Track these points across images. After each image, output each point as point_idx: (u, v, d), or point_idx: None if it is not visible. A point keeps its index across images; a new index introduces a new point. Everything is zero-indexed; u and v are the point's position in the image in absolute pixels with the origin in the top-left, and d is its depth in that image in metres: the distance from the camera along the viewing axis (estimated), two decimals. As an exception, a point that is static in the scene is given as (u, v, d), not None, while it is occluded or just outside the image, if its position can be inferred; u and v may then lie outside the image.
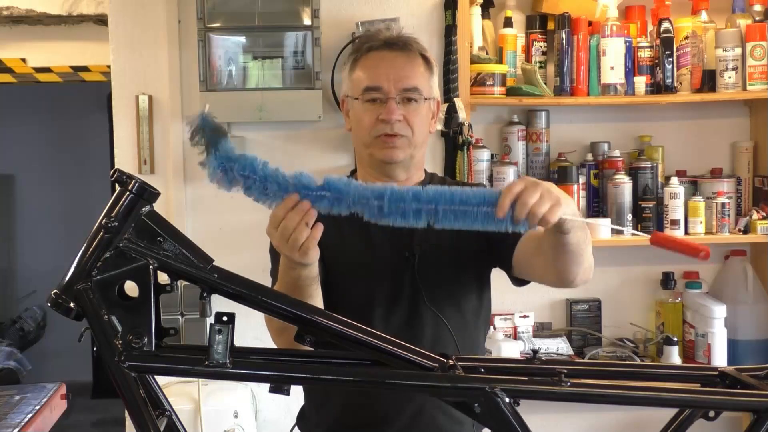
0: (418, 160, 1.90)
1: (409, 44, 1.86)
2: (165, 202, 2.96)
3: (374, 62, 1.84)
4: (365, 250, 1.85)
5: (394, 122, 1.80)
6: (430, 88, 1.87)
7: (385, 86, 1.81)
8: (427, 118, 1.87)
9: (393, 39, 1.87)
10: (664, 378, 1.39)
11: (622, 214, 3.10)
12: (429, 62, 1.88)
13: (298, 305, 1.33)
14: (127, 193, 1.25)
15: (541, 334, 3.19)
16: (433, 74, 1.89)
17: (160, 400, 1.28)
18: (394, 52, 1.84)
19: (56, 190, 6.58)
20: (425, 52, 1.89)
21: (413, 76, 1.83)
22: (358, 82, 1.85)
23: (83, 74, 4.15)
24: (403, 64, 1.84)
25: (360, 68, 1.86)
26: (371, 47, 1.86)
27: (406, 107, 1.82)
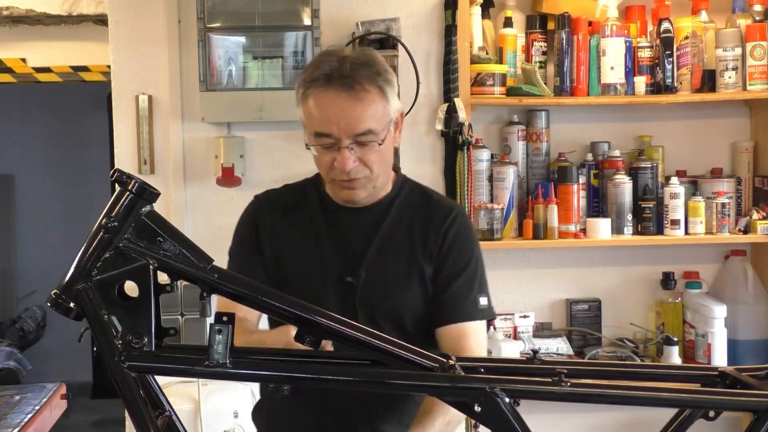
0: (382, 183, 1.85)
1: (356, 81, 1.71)
2: (165, 202, 2.96)
3: (322, 104, 1.72)
4: (315, 267, 1.84)
5: (350, 170, 1.74)
6: (387, 116, 1.76)
7: (335, 133, 1.72)
8: (389, 143, 1.79)
9: (337, 76, 1.71)
10: (664, 378, 1.39)
11: (622, 214, 3.10)
12: (383, 88, 1.74)
13: (298, 305, 1.33)
14: (127, 193, 1.25)
15: (541, 334, 3.19)
16: (390, 95, 1.76)
17: (160, 400, 1.28)
18: (340, 93, 1.71)
19: (56, 190, 6.58)
20: (377, 79, 1.74)
21: (363, 119, 1.72)
22: (310, 120, 1.75)
23: (83, 74, 4.15)
24: (352, 107, 1.71)
25: (310, 105, 1.74)
26: (318, 85, 1.72)
27: (361, 149, 1.74)
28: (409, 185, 1.95)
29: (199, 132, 3.10)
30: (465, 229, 1.91)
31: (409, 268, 1.85)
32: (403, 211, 1.88)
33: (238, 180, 3.03)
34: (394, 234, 1.86)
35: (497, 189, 3.09)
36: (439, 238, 1.86)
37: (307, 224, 1.88)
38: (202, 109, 2.97)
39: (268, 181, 3.11)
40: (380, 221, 1.86)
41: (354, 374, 1.31)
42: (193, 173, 3.11)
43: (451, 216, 1.88)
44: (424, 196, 1.93)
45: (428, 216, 1.88)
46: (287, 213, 1.91)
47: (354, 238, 1.85)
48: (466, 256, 1.88)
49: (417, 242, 1.86)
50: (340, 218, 1.87)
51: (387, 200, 1.89)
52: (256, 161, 3.12)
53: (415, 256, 1.85)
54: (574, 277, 3.28)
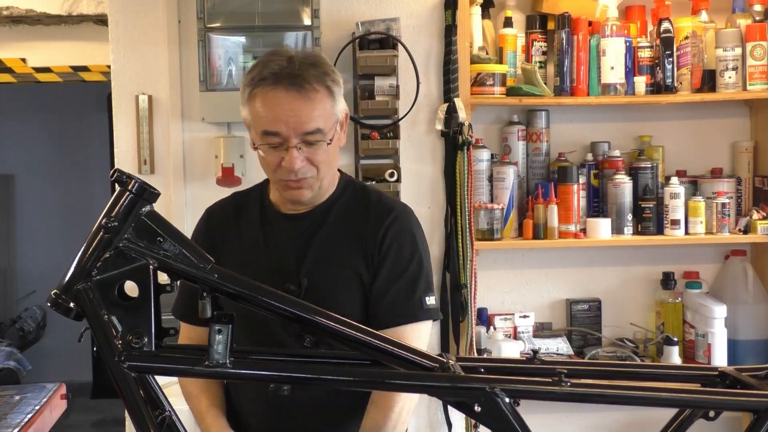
0: (327, 183, 1.83)
1: (304, 80, 1.70)
2: (165, 202, 2.96)
3: (270, 103, 1.71)
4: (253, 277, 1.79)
5: (297, 170, 1.73)
6: (334, 116, 1.76)
7: (283, 132, 1.71)
8: (334, 145, 1.78)
9: (286, 75, 1.70)
10: (664, 378, 1.39)
11: (623, 214, 3.10)
12: (330, 88, 1.74)
13: (298, 305, 1.33)
14: (127, 193, 1.25)
15: (541, 334, 3.19)
16: (337, 95, 1.76)
17: (159, 400, 1.28)
18: (289, 92, 1.70)
19: (56, 190, 6.58)
20: (325, 79, 1.73)
21: (312, 119, 1.71)
22: (257, 119, 1.74)
23: (83, 74, 4.15)
24: (300, 106, 1.70)
25: (258, 104, 1.73)
26: (267, 83, 1.71)
27: (309, 149, 1.72)
28: (352, 187, 1.91)
29: (199, 132, 3.10)
30: (405, 229, 1.85)
31: (348, 274, 1.81)
32: (342, 215, 1.85)
33: (238, 180, 3.03)
34: (331, 240, 1.82)
35: (497, 189, 3.09)
36: (377, 242, 1.81)
37: (246, 234, 1.86)
38: (202, 109, 2.97)
39: (268, 181, 3.11)
40: (317, 227, 1.83)
41: (354, 374, 1.31)
42: (193, 173, 3.11)
43: (389, 218, 1.83)
44: (365, 198, 1.88)
45: (366, 219, 1.84)
46: (229, 223, 1.89)
47: (289, 246, 1.82)
48: (405, 257, 1.83)
49: (355, 247, 1.82)
50: (277, 226, 1.85)
51: (326, 204, 1.85)
52: (256, 161, 3.06)
53: (354, 261, 1.81)
54: (574, 277, 3.28)
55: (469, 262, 2.99)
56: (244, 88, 1.77)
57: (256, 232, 1.86)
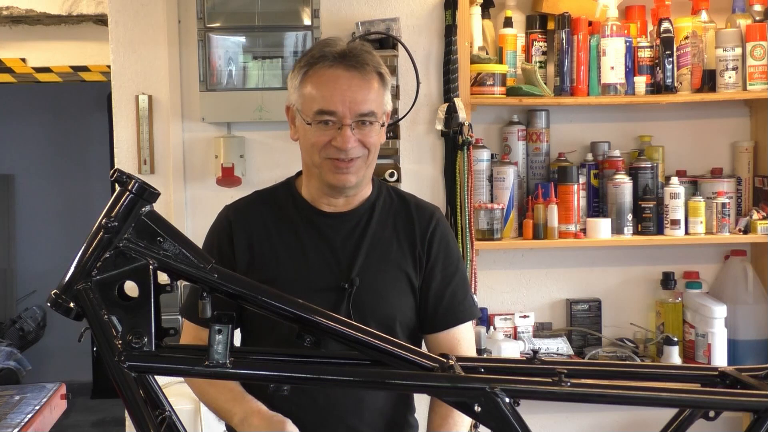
0: (368, 177, 1.84)
1: (365, 62, 1.73)
2: (165, 202, 2.96)
3: (328, 82, 1.72)
4: (302, 275, 1.80)
5: (349, 149, 1.72)
6: (384, 105, 1.78)
7: (340, 111, 1.70)
8: (381, 134, 1.80)
9: (348, 55, 1.73)
10: (664, 378, 1.39)
11: (623, 214, 3.10)
12: (384, 78, 1.77)
13: (297, 305, 1.33)
14: (127, 193, 1.25)
15: (541, 334, 3.19)
16: (387, 88, 1.79)
17: (159, 400, 1.28)
18: (349, 71, 1.71)
19: (56, 190, 6.59)
20: (380, 68, 1.77)
21: (369, 100, 1.72)
22: (311, 100, 1.73)
23: (83, 74, 4.15)
24: (359, 86, 1.72)
25: (312, 84, 1.73)
26: (325, 62, 1.73)
27: (362, 130, 1.73)
28: (386, 189, 1.92)
29: (199, 132, 3.10)
30: (447, 231, 1.91)
31: (398, 275, 1.83)
32: (386, 216, 1.86)
33: (238, 180, 3.03)
34: (380, 240, 1.84)
35: (497, 189, 3.09)
36: (425, 245, 1.85)
37: (287, 231, 1.84)
38: (202, 109, 2.97)
39: (268, 181, 3.09)
40: (365, 226, 1.84)
41: (354, 374, 1.31)
42: (193, 173, 3.11)
43: (433, 221, 1.87)
44: (403, 201, 1.91)
45: (411, 222, 1.86)
46: (264, 221, 1.86)
47: (340, 244, 1.82)
48: (454, 258, 1.89)
49: (404, 249, 1.84)
50: (321, 223, 1.84)
51: (367, 204, 1.86)
52: (256, 161, 3.12)
53: (403, 263, 1.84)
54: (574, 277, 3.28)
55: (469, 262, 2.99)
56: (296, 71, 1.77)
57: (299, 229, 1.84)
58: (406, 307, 1.84)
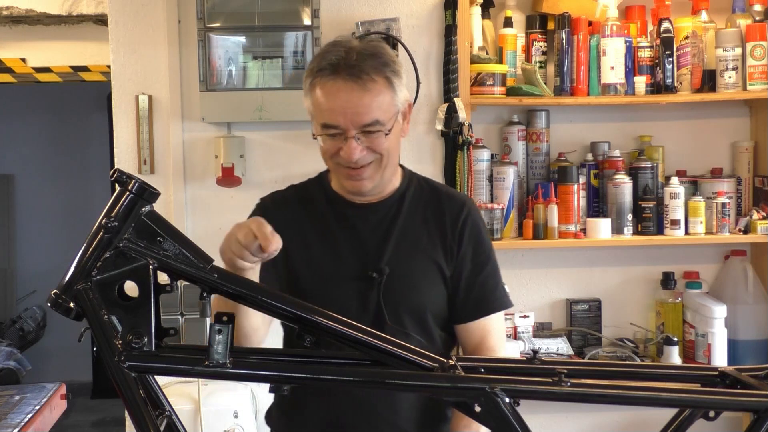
0: (389, 174, 1.84)
1: (363, 70, 1.70)
2: (165, 202, 2.96)
3: (329, 94, 1.71)
4: (332, 265, 1.82)
5: (357, 159, 1.73)
6: (394, 107, 1.75)
7: (342, 124, 1.71)
8: (396, 133, 1.78)
9: (344, 66, 1.70)
10: (664, 378, 1.39)
11: (623, 214, 3.10)
12: (390, 79, 1.73)
13: (298, 305, 1.33)
14: (127, 193, 1.25)
15: (541, 334, 3.19)
16: (397, 86, 1.75)
17: (160, 400, 1.28)
18: (347, 83, 1.69)
19: (56, 190, 6.59)
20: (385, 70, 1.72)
21: (371, 109, 1.70)
22: (317, 112, 1.75)
23: (83, 74, 4.15)
24: (359, 97, 1.69)
25: (316, 96, 1.74)
26: (325, 73, 1.72)
27: (369, 138, 1.73)
28: (417, 179, 1.94)
29: (199, 132, 3.10)
30: (479, 221, 1.92)
31: (428, 264, 1.84)
32: (416, 206, 1.87)
33: (238, 180, 3.03)
34: (409, 230, 1.85)
35: (497, 189, 3.09)
36: (456, 234, 1.86)
37: (318, 223, 1.86)
38: (202, 109, 2.97)
39: (268, 181, 3.11)
40: (394, 216, 1.85)
41: (354, 374, 1.31)
42: (193, 173, 3.11)
43: (464, 211, 1.88)
44: (433, 191, 1.92)
45: (441, 211, 1.87)
46: (295, 213, 1.89)
47: (369, 234, 1.84)
48: (485, 248, 1.89)
49: (434, 239, 1.85)
50: (351, 215, 1.86)
51: (397, 195, 1.87)
52: (256, 161, 3.12)
53: (433, 252, 1.85)
54: (574, 277, 3.28)
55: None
56: (305, 79, 1.78)
57: (330, 220, 1.86)
58: (438, 296, 1.85)
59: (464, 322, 1.87)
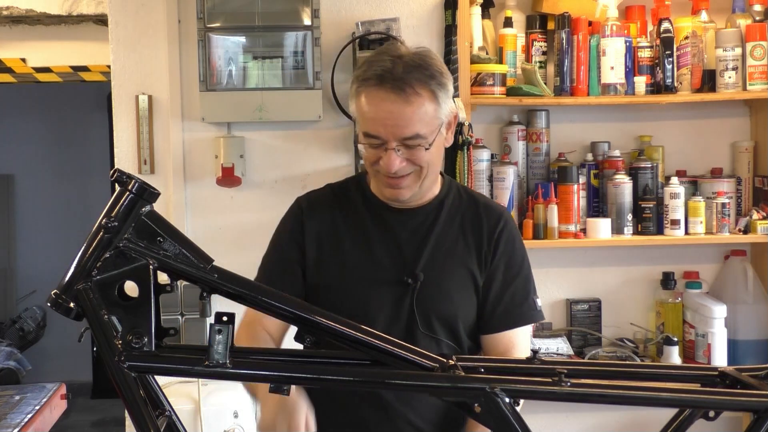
0: (429, 183, 1.83)
1: (407, 84, 1.68)
2: (165, 202, 2.96)
3: (372, 104, 1.71)
4: (367, 268, 1.83)
5: (396, 171, 1.73)
6: (437, 120, 1.74)
7: (383, 135, 1.70)
8: (438, 145, 1.77)
9: (389, 77, 1.69)
10: (664, 378, 1.39)
11: (623, 214, 3.10)
12: (436, 92, 1.72)
13: (298, 305, 1.33)
14: (127, 193, 1.25)
15: (541, 334, 3.19)
16: (442, 99, 1.73)
17: (160, 400, 1.28)
18: (391, 95, 1.68)
19: (56, 190, 6.59)
20: (431, 83, 1.71)
21: (412, 123, 1.69)
22: (360, 118, 1.75)
23: (83, 74, 4.15)
24: (401, 110, 1.68)
25: (361, 104, 1.73)
26: (370, 83, 1.71)
27: (409, 151, 1.72)
28: (456, 188, 1.93)
29: (199, 132, 3.10)
30: (514, 233, 1.92)
31: (462, 273, 1.84)
32: (453, 215, 1.87)
33: (238, 180, 3.03)
34: (446, 237, 1.85)
35: (497, 189, 3.09)
36: (492, 245, 1.86)
37: (354, 225, 1.86)
38: (202, 109, 2.98)
39: (268, 181, 3.12)
40: (432, 223, 1.85)
41: (354, 374, 1.31)
42: (193, 173, 3.11)
43: (501, 222, 1.88)
44: (472, 200, 1.92)
45: (478, 221, 1.87)
46: (333, 214, 1.88)
47: (406, 239, 1.84)
48: (518, 260, 1.90)
49: (470, 248, 1.85)
50: (389, 219, 1.86)
51: (436, 202, 1.87)
52: (256, 161, 3.12)
53: (468, 261, 1.85)
54: (574, 277, 3.28)
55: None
56: (351, 84, 1.78)
57: (367, 223, 1.86)
58: (469, 305, 1.85)
59: (490, 333, 1.87)
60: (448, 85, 1.76)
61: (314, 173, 3.12)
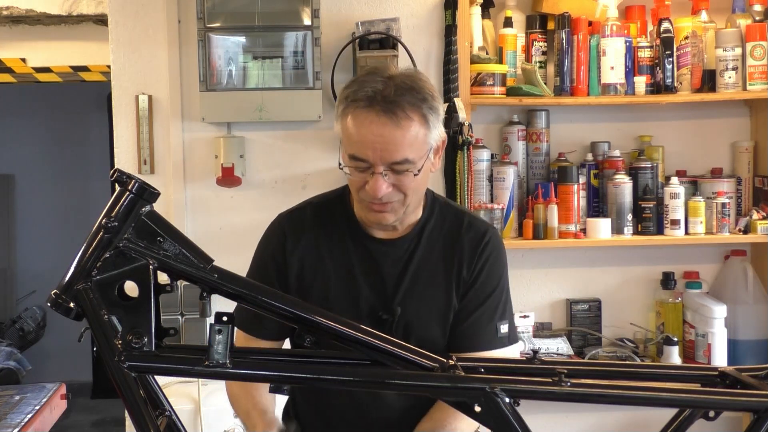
0: (413, 207, 1.79)
1: (399, 108, 1.63)
2: (165, 202, 2.96)
3: (360, 126, 1.65)
4: (349, 302, 1.80)
5: (381, 196, 1.68)
6: (426, 145, 1.69)
7: (370, 158, 1.65)
8: (425, 171, 1.73)
9: (379, 99, 1.64)
10: (664, 378, 1.39)
11: (623, 214, 3.10)
12: (427, 117, 1.67)
13: (297, 305, 1.33)
14: (127, 193, 1.25)
15: (541, 334, 3.19)
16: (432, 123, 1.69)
17: (160, 400, 1.28)
18: (381, 118, 1.63)
19: (56, 190, 6.58)
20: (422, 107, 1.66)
21: (402, 147, 1.64)
22: (347, 140, 1.69)
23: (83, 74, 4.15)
24: (391, 135, 1.63)
25: (348, 124, 1.68)
26: (360, 104, 1.65)
27: (396, 176, 1.68)
28: (439, 206, 1.88)
29: (199, 132, 3.10)
30: (496, 253, 1.86)
31: (443, 301, 1.81)
32: (435, 239, 1.83)
33: (238, 180, 3.03)
34: (426, 266, 1.81)
35: (497, 189, 3.09)
36: (471, 267, 1.82)
37: (338, 255, 1.82)
38: (202, 109, 2.98)
39: (268, 181, 3.11)
40: (412, 253, 1.81)
41: (354, 374, 1.31)
42: (193, 173, 3.11)
43: (482, 243, 1.83)
44: (456, 219, 1.86)
45: (460, 242, 1.83)
46: (317, 239, 1.83)
47: (387, 272, 1.80)
48: (492, 283, 1.84)
49: (450, 273, 1.82)
50: (372, 250, 1.82)
51: (417, 228, 1.83)
52: (256, 161, 3.12)
53: (448, 289, 1.81)
54: (574, 277, 3.28)
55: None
56: (338, 104, 1.72)
57: (350, 253, 1.82)
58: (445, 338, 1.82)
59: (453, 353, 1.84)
60: (439, 109, 1.71)
61: (314, 173, 3.12)
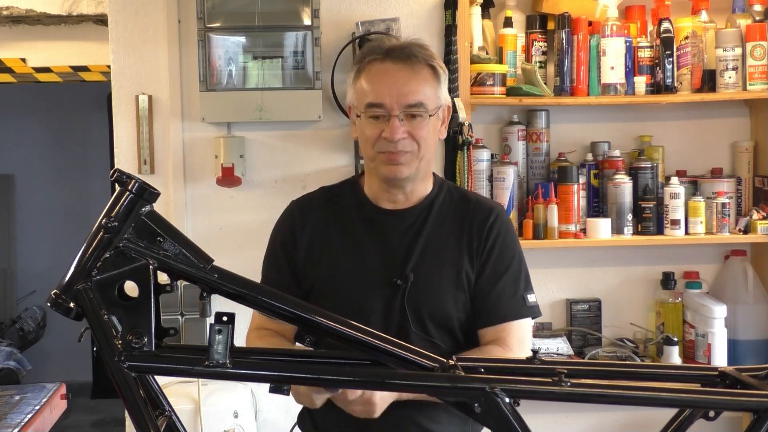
0: (424, 171, 1.87)
1: (413, 54, 1.80)
2: (165, 202, 2.96)
3: (377, 75, 1.79)
4: (358, 271, 1.85)
5: (398, 141, 1.77)
6: (437, 98, 1.82)
7: (387, 102, 1.77)
8: (435, 128, 1.83)
9: (396, 49, 1.81)
10: (664, 378, 1.39)
11: (623, 214, 3.10)
12: (436, 70, 1.82)
13: (298, 305, 1.33)
14: (127, 193, 1.25)
15: (541, 334, 3.19)
16: (442, 82, 1.83)
17: (160, 400, 1.28)
18: (397, 64, 1.78)
19: (56, 190, 6.59)
20: (432, 61, 1.82)
21: (417, 91, 1.78)
22: (362, 95, 1.81)
23: (83, 74, 4.15)
24: (407, 78, 1.78)
25: (363, 80, 1.81)
26: (374, 58, 1.81)
27: (411, 123, 1.78)
28: (447, 187, 1.96)
29: (199, 132, 3.10)
30: (506, 228, 1.92)
31: (454, 272, 1.85)
32: (444, 214, 1.89)
33: (238, 180, 3.03)
34: (436, 237, 1.86)
35: (497, 189, 3.09)
36: (482, 240, 1.86)
37: (345, 229, 1.89)
38: (202, 109, 2.97)
39: (268, 180, 3.11)
40: (422, 224, 1.87)
41: (354, 374, 1.31)
42: (193, 173, 3.11)
43: (492, 216, 1.89)
44: (463, 198, 1.94)
45: (469, 218, 1.89)
46: (326, 220, 1.91)
47: (396, 241, 1.86)
48: (508, 255, 1.89)
49: (461, 247, 1.86)
50: (379, 221, 1.88)
51: (426, 202, 1.89)
52: (256, 161, 3.12)
53: (459, 260, 1.85)
54: (574, 277, 3.28)
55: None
56: (352, 68, 1.86)
57: (358, 226, 1.89)
58: (462, 303, 1.85)
59: (480, 328, 1.87)
60: (444, 75, 1.85)
61: (314, 173, 3.12)
